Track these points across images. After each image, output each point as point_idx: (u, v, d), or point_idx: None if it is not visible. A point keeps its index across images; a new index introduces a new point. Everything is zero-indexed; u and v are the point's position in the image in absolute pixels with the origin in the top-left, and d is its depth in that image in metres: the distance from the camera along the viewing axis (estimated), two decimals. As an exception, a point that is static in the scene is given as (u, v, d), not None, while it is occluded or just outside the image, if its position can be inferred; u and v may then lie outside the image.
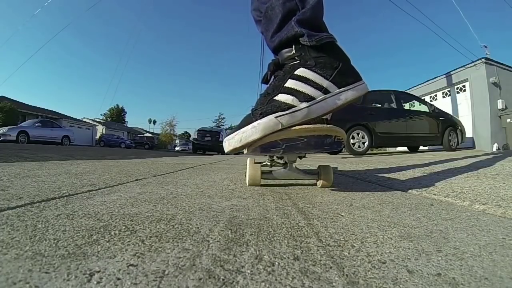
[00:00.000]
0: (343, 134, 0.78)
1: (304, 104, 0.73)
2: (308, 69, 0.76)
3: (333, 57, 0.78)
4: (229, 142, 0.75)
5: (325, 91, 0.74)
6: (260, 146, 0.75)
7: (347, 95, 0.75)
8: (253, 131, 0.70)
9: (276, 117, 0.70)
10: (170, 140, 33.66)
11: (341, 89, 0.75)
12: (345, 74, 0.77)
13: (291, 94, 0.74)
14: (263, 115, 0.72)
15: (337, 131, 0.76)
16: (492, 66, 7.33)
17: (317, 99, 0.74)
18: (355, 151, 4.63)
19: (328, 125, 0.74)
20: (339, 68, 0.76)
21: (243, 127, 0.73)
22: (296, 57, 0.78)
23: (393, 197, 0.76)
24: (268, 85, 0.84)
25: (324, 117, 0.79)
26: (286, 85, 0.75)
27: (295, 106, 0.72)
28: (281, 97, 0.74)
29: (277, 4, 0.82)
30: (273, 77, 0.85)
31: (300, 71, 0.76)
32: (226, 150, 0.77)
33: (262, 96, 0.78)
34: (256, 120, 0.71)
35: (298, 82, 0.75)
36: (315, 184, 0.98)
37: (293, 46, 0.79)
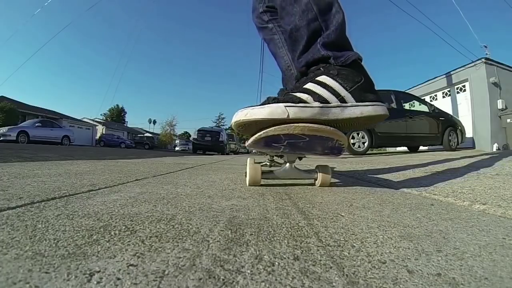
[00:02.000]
0: (345, 140, 0.79)
1: (316, 104, 0.74)
2: (330, 77, 0.77)
3: (356, 73, 0.79)
4: (237, 114, 0.78)
5: (341, 99, 0.76)
6: (264, 139, 0.76)
7: (363, 110, 0.76)
8: (260, 111, 0.73)
9: (285, 106, 0.72)
10: (170, 140, 33.65)
11: (358, 103, 0.76)
12: (366, 90, 0.78)
13: (307, 93, 0.76)
14: (275, 102, 0.74)
15: (340, 135, 0.76)
16: (492, 66, 7.33)
17: (332, 104, 0.75)
18: (355, 151, 4.63)
19: (332, 128, 0.74)
20: (361, 83, 0.78)
21: (256, 106, 0.76)
22: (321, 67, 0.81)
23: (393, 197, 0.76)
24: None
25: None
26: (305, 86, 0.78)
27: (308, 103, 0.74)
28: (298, 94, 0.76)
29: (301, 25, 0.83)
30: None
31: (322, 78, 0.78)
32: (232, 120, 0.80)
33: (282, 91, 0.81)
34: (269, 104, 0.74)
35: (317, 85, 0.77)
36: (314, 184, 0.98)
37: (319, 64, 0.81)
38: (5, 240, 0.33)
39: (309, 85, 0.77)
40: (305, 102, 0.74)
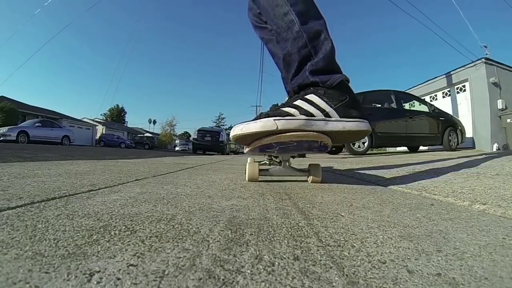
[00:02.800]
0: (328, 140, 0.88)
1: (302, 117, 0.85)
2: (317, 96, 0.88)
3: (341, 92, 0.88)
4: (234, 129, 0.90)
5: (326, 114, 0.86)
6: (259, 147, 0.89)
7: (346, 124, 0.86)
8: (253, 125, 0.85)
9: (274, 119, 0.84)
10: (170, 140, 33.64)
11: (342, 118, 0.86)
12: (350, 108, 0.88)
13: (295, 108, 0.87)
14: (266, 117, 0.86)
15: (322, 137, 0.87)
16: (492, 66, 7.32)
17: (317, 117, 0.85)
18: (355, 151, 4.63)
19: (315, 132, 0.85)
20: (345, 101, 0.88)
21: (250, 121, 0.88)
22: (311, 88, 0.90)
23: (393, 197, 0.76)
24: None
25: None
26: (294, 103, 0.88)
27: (294, 116, 0.85)
28: (286, 109, 0.87)
29: (293, 51, 0.93)
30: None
31: (310, 96, 0.88)
32: (231, 134, 0.92)
33: (273, 106, 0.94)
34: (260, 119, 0.86)
35: (305, 102, 0.88)
36: (307, 181, 1.08)
37: (311, 88, 0.91)
38: (5, 240, 0.33)
39: (298, 102, 0.88)
40: (292, 115, 0.85)
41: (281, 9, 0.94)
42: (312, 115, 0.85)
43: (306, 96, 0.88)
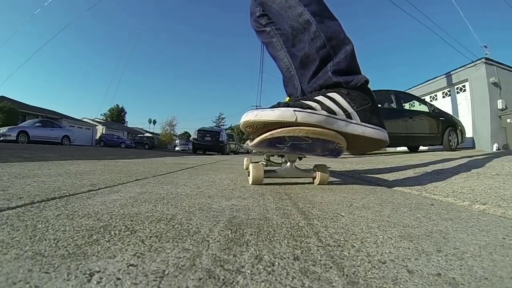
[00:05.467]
0: (344, 144, 0.83)
1: (324, 112, 0.79)
2: (340, 95, 0.83)
3: (363, 96, 0.84)
4: (247, 114, 0.81)
5: (348, 115, 0.81)
6: (269, 140, 0.79)
7: (366, 130, 0.81)
8: (270, 113, 0.77)
9: (294, 110, 0.77)
10: (170, 140, 33.63)
11: (363, 123, 0.81)
12: (371, 113, 0.84)
13: (316, 102, 0.81)
14: (286, 106, 0.78)
15: (341, 139, 0.81)
16: (492, 66, 7.32)
17: (338, 116, 0.80)
18: (355, 151, 4.62)
19: (334, 132, 0.79)
20: (368, 106, 0.83)
21: (267, 109, 0.80)
22: (333, 87, 0.85)
23: (393, 197, 0.76)
24: None
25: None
26: (315, 97, 0.83)
27: (316, 110, 0.79)
28: (307, 102, 0.81)
29: (311, 52, 0.89)
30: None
31: (332, 94, 0.83)
32: (242, 120, 0.83)
33: (279, 104, 0.85)
34: (279, 107, 0.79)
35: (327, 99, 0.82)
36: (313, 182, 1.03)
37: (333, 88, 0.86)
38: (5, 240, 0.33)
39: (319, 97, 0.82)
40: (313, 109, 0.78)
41: (295, 10, 0.91)
42: (334, 113, 0.80)
43: (328, 94, 0.83)
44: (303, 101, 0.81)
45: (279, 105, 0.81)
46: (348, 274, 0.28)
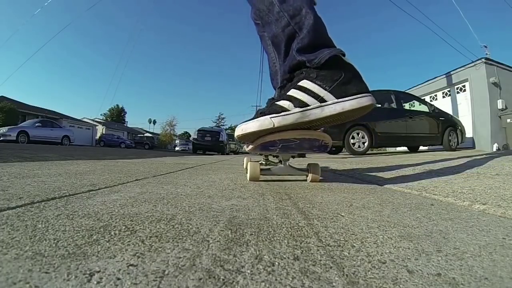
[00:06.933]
0: (329, 140, 0.92)
1: (297, 109, 0.83)
2: (310, 81, 0.84)
3: (335, 70, 0.83)
4: (237, 130, 0.91)
5: (321, 100, 0.82)
6: (261, 144, 0.89)
7: (344, 105, 0.80)
8: (252, 125, 0.86)
9: (271, 117, 0.83)
10: (170, 140, 33.63)
11: (338, 100, 0.81)
12: (347, 85, 0.82)
13: (289, 100, 0.84)
14: (263, 115, 0.85)
15: (324, 136, 0.90)
16: (492, 66, 7.33)
17: (311, 106, 0.82)
18: (355, 151, 4.62)
19: (317, 131, 0.88)
20: (340, 79, 0.82)
21: (249, 121, 0.88)
22: (303, 71, 0.87)
23: (393, 197, 0.76)
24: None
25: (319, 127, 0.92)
26: (288, 93, 0.86)
27: (289, 110, 0.83)
28: (280, 102, 0.85)
29: (278, 32, 0.91)
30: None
31: (303, 82, 0.85)
32: (235, 135, 0.93)
33: (269, 101, 0.92)
34: (257, 118, 0.86)
35: (299, 91, 0.84)
36: (306, 180, 1.10)
37: (302, 68, 0.88)
38: (5, 240, 0.33)
39: (292, 92, 0.85)
40: (286, 110, 0.83)
41: None
42: (307, 104, 0.81)
43: (299, 83, 0.85)
44: (276, 103, 0.86)
45: (257, 113, 0.88)
46: (348, 274, 0.28)
